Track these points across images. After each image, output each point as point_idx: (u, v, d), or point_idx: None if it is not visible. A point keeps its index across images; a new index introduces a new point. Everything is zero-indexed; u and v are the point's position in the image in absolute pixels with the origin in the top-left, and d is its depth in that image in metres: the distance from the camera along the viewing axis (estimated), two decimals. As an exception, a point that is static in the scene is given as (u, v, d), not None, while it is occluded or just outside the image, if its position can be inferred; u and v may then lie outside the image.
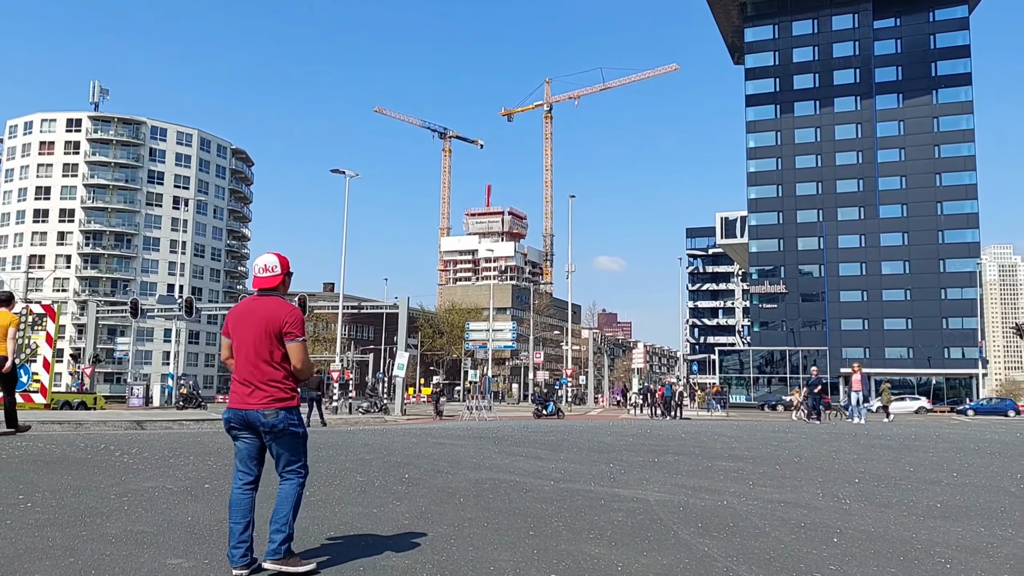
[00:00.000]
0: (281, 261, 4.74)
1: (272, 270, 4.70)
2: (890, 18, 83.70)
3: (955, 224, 79.15)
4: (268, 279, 4.70)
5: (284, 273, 4.73)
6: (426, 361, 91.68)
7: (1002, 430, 22.21)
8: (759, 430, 18.44)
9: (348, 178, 38.45)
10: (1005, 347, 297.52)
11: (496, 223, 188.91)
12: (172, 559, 4.94)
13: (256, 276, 4.76)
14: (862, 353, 79.80)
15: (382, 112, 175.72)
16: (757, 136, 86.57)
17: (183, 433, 14.60)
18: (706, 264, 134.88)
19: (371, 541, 5.57)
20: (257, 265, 4.77)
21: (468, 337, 49.70)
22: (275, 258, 4.73)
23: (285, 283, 4.77)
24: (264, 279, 4.71)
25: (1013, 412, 56.85)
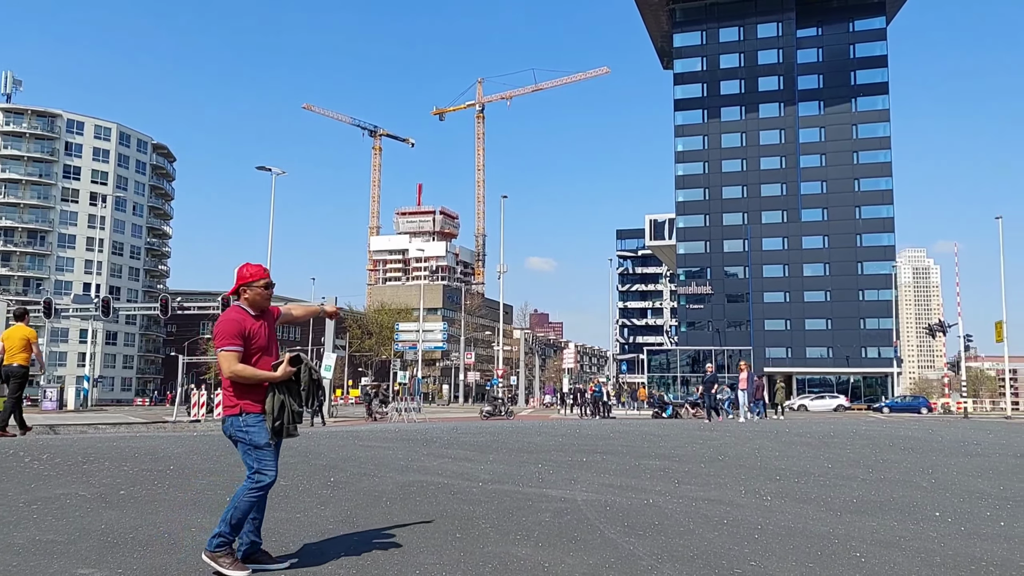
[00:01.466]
0: (239, 273, 4.79)
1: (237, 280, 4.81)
2: (812, 27, 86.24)
3: (872, 228, 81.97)
4: (232, 288, 4.84)
5: (237, 284, 4.78)
6: (354, 362, 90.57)
7: (915, 427, 23.05)
8: (685, 429, 18.74)
9: (274, 175, 37.76)
10: (918, 347, 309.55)
11: (427, 222, 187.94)
12: (83, 569, 4.76)
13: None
14: (784, 353, 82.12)
15: (311, 109, 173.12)
16: (685, 140, 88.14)
17: (99, 437, 14.10)
18: (636, 265, 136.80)
19: (293, 547, 5.45)
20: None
21: (398, 338, 49.23)
22: (237, 271, 4.81)
23: (240, 292, 4.79)
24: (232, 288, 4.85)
25: (925, 409, 59.16)
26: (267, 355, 4.75)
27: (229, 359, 4.56)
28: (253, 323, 4.72)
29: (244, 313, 4.73)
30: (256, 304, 4.79)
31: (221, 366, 4.61)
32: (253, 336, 4.68)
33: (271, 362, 4.73)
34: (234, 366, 4.56)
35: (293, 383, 4.74)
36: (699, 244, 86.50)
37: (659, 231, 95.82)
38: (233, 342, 4.58)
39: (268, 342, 4.79)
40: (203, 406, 30.15)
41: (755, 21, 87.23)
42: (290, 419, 4.69)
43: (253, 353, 4.67)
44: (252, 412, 4.64)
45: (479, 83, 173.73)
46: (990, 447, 14.57)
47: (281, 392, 4.68)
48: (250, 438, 4.64)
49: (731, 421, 25.73)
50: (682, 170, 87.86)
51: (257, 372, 4.62)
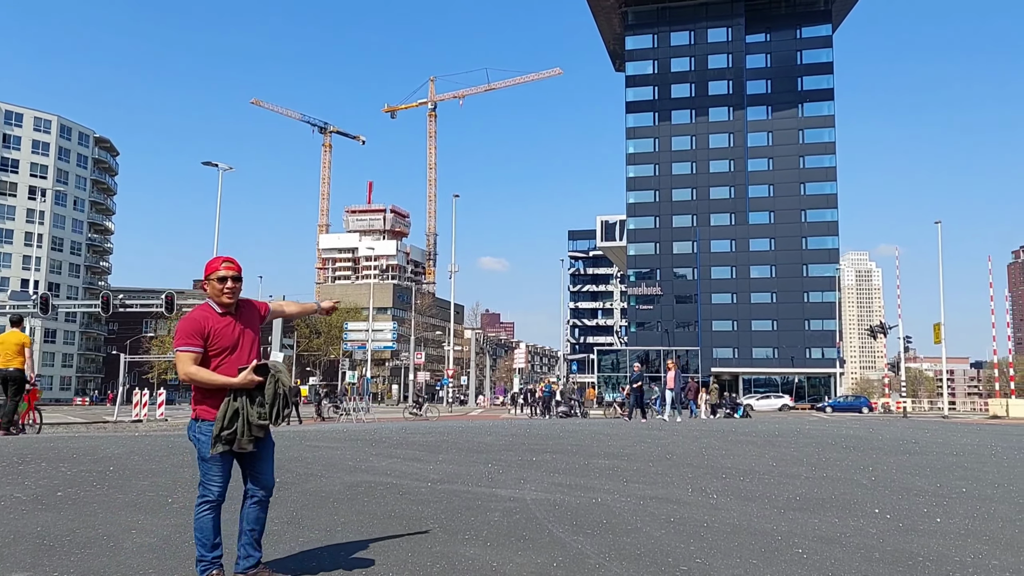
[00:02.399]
0: (206, 265, 4.47)
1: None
2: (761, 33, 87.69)
3: (817, 231, 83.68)
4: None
5: (204, 278, 4.47)
6: (302, 362, 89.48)
7: (856, 425, 23.59)
8: (634, 428, 18.91)
9: (221, 171, 37.07)
10: (860, 348, 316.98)
11: (378, 221, 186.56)
12: (18, 573, 4.63)
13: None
14: (731, 353, 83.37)
15: (259, 104, 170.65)
16: (636, 142, 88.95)
17: (35, 438, 13.70)
18: (587, 266, 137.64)
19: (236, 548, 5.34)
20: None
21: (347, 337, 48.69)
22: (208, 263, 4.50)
23: (206, 289, 4.46)
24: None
25: (866, 408, 60.57)
26: (233, 357, 4.33)
27: (184, 360, 4.23)
28: (217, 321, 4.34)
29: (208, 311, 4.36)
30: (218, 301, 4.40)
31: (177, 367, 4.28)
32: (215, 335, 4.29)
33: (236, 363, 4.33)
34: (188, 367, 4.22)
35: (256, 391, 4.29)
36: (649, 246, 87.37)
37: (610, 232, 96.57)
38: (189, 341, 4.24)
39: (236, 343, 4.36)
40: (145, 406, 29.49)
41: (705, 26, 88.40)
42: (244, 431, 4.22)
43: (216, 354, 4.29)
44: (206, 419, 4.28)
45: (431, 81, 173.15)
46: (927, 445, 14.98)
47: (238, 399, 4.25)
48: (199, 447, 4.31)
49: (656, 420, 25.29)
50: (633, 172, 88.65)
51: (213, 376, 4.23)
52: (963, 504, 8.05)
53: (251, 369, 4.28)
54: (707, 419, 31.36)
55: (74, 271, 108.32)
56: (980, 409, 57.64)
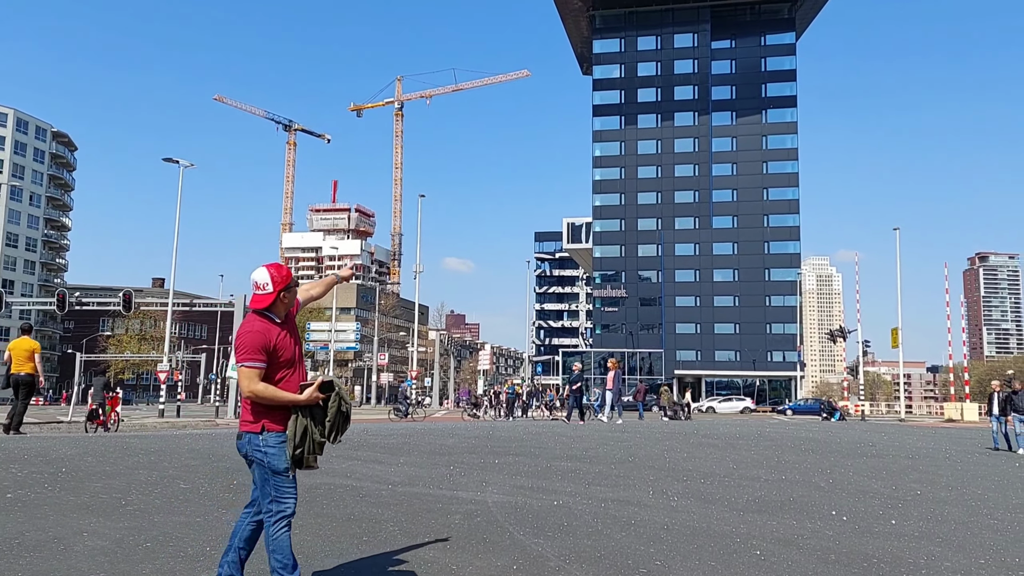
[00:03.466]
0: (273, 276, 4.17)
1: (263, 288, 4.16)
2: (726, 40, 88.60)
3: (779, 236, 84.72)
4: (260, 298, 4.17)
5: (277, 289, 4.16)
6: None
7: (815, 428, 23.93)
8: (597, 430, 18.97)
9: (182, 168, 36.50)
10: (820, 351, 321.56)
11: (342, 220, 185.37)
12: (-41, 579, 4.49)
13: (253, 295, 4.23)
14: (694, 356, 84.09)
15: (222, 101, 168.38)
16: (603, 145, 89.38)
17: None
18: (553, 268, 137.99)
19: (192, 552, 5.26)
20: (252, 282, 4.22)
21: (309, 337, 48.21)
22: (266, 273, 4.18)
23: (283, 300, 4.19)
24: (256, 298, 4.18)
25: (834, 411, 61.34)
26: (292, 370, 4.19)
27: (250, 377, 4.01)
28: (280, 333, 4.15)
29: (269, 323, 4.14)
30: (287, 308, 4.24)
31: (241, 383, 4.07)
32: (280, 349, 4.11)
33: (299, 379, 4.18)
34: (254, 385, 4.02)
35: (318, 410, 4.15)
36: (615, 248, 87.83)
37: (576, 234, 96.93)
38: (256, 356, 4.02)
39: (295, 355, 4.22)
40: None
41: (672, 31, 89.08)
42: (311, 448, 4.09)
43: (279, 368, 4.12)
44: (274, 431, 4.09)
45: (398, 81, 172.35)
46: (884, 448, 15.23)
47: (305, 416, 4.11)
48: (269, 461, 4.08)
49: (595, 422, 24.69)
50: (599, 175, 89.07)
51: (279, 393, 4.06)
52: (918, 507, 8.18)
53: (317, 386, 4.15)
54: (663, 421, 31.58)
55: (29, 268, 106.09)
56: (936, 413, 58.72)
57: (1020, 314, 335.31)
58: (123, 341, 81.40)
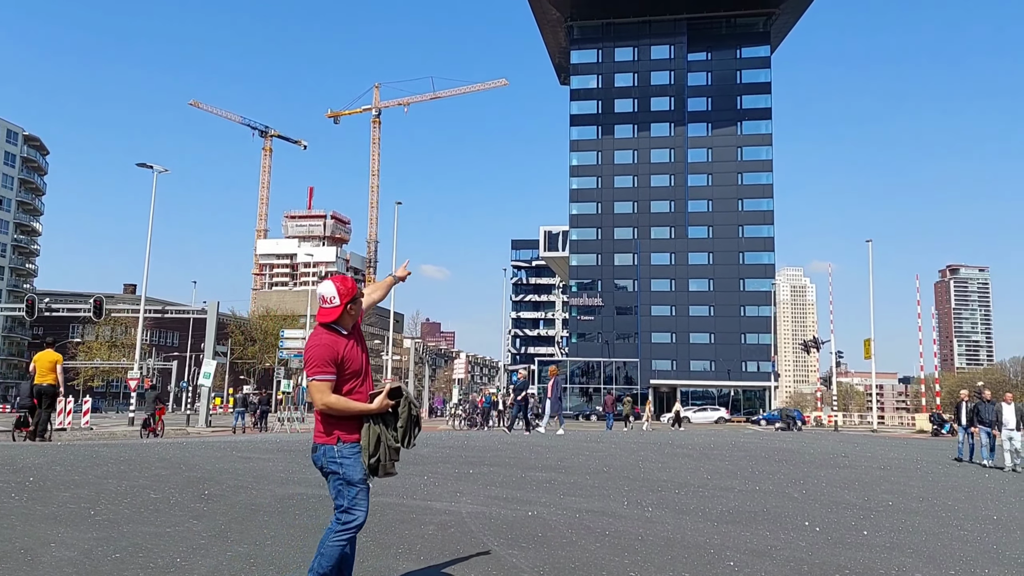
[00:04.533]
0: (340, 289, 4.21)
1: (330, 301, 4.20)
2: (702, 52, 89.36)
3: (754, 247, 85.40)
4: (327, 312, 4.20)
5: (344, 302, 4.20)
6: (236, 370, 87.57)
7: (789, 439, 24.09)
8: (572, 440, 18.96)
9: (156, 173, 36.16)
10: (794, 362, 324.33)
11: (318, 227, 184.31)
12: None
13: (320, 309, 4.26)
14: (670, 365, 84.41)
15: (197, 106, 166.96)
16: (580, 155, 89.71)
17: (-49, 447, 13.11)
18: (529, 276, 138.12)
19: (162, 563, 5.18)
20: (319, 296, 4.26)
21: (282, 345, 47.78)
22: (332, 287, 4.22)
23: (350, 312, 4.24)
24: (323, 312, 4.21)
25: (800, 422, 61.85)
26: (361, 380, 4.23)
27: (322, 390, 4.07)
28: (347, 344, 4.20)
29: (336, 335, 4.20)
30: (353, 320, 4.30)
31: (312, 396, 4.13)
32: (347, 360, 4.16)
33: (368, 388, 4.25)
34: (327, 397, 4.08)
35: (390, 416, 4.23)
36: (591, 256, 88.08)
37: (553, 243, 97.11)
38: (326, 370, 4.08)
39: (363, 365, 4.27)
40: (70, 414, 28.51)
41: (648, 43, 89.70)
42: (387, 455, 4.16)
43: (349, 379, 4.18)
44: (349, 442, 4.14)
45: (376, 88, 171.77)
46: (856, 459, 15.35)
47: (377, 424, 4.18)
48: (344, 471, 4.12)
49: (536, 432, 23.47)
50: (576, 184, 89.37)
51: (351, 404, 4.12)
52: (889, 518, 8.25)
53: (386, 393, 4.22)
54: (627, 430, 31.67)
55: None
56: (908, 424, 59.39)
57: (990, 326, 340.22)
58: (93, 348, 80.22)
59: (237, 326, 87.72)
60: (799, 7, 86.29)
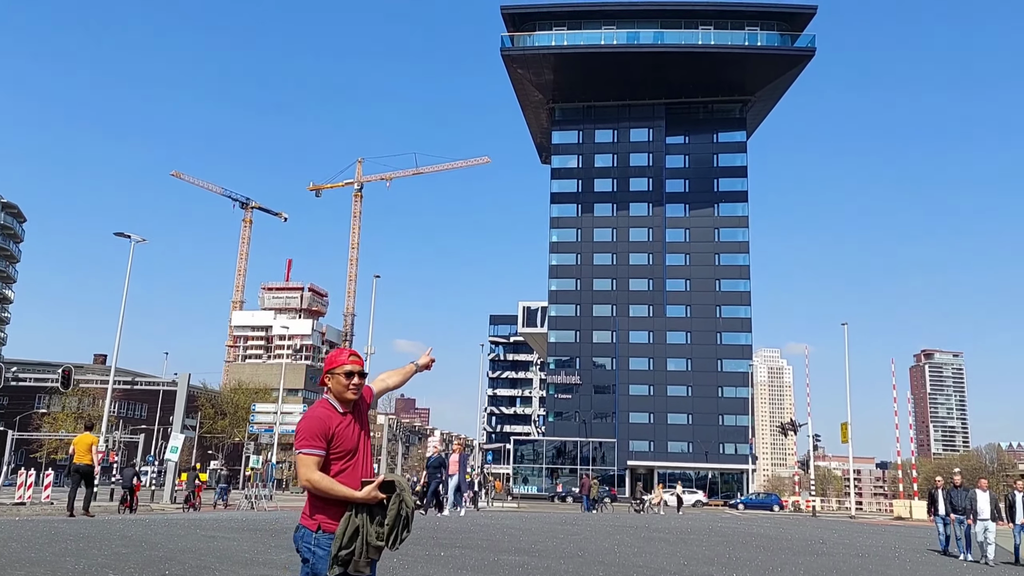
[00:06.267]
0: (328, 358, 4.19)
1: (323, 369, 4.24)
2: (680, 135, 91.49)
3: (731, 327, 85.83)
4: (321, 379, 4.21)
5: (324, 372, 4.17)
6: (204, 444, 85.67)
7: (767, 524, 23.74)
8: (547, 522, 18.55)
9: (133, 243, 35.97)
10: (772, 444, 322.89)
11: (295, 299, 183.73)
12: None
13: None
14: (647, 446, 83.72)
15: (179, 177, 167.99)
16: (560, 232, 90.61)
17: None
18: (507, 352, 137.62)
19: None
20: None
21: (253, 419, 46.94)
22: (329, 355, 4.23)
23: (328, 384, 4.15)
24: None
25: (777, 507, 61.28)
26: (354, 461, 4.04)
27: (307, 464, 3.90)
28: (339, 420, 4.05)
29: (330, 409, 4.07)
30: (341, 397, 4.12)
31: (298, 471, 3.96)
32: (339, 437, 3.99)
33: (360, 469, 4.03)
34: (311, 473, 3.89)
35: (377, 509, 3.96)
36: (570, 333, 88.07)
37: (532, 318, 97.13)
38: (313, 443, 3.92)
39: (357, 445, 4.07)
40: (30, 487, 27.58)
41: (628, 126, 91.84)
42: (362, 551, 3.85)
43: (338, 457, 3.98)
44: (329, 531, 3.91)
45: (359, 162, 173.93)
46: (835, 546, 15.10)
47: (359, 515, 3.91)
48: (315, 562, 3.90)
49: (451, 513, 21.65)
50: (556, 260, 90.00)
51: (335, 486, 3.90)
52: (870, 609, 8.02)
53: (376, 485, 3.95)
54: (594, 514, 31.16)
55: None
56: (885, 510, 58.85)
57: (965, 412, 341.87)
58: (59, 419, 78.36)
59: (207, 399, 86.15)
60: (774, 95, 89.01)
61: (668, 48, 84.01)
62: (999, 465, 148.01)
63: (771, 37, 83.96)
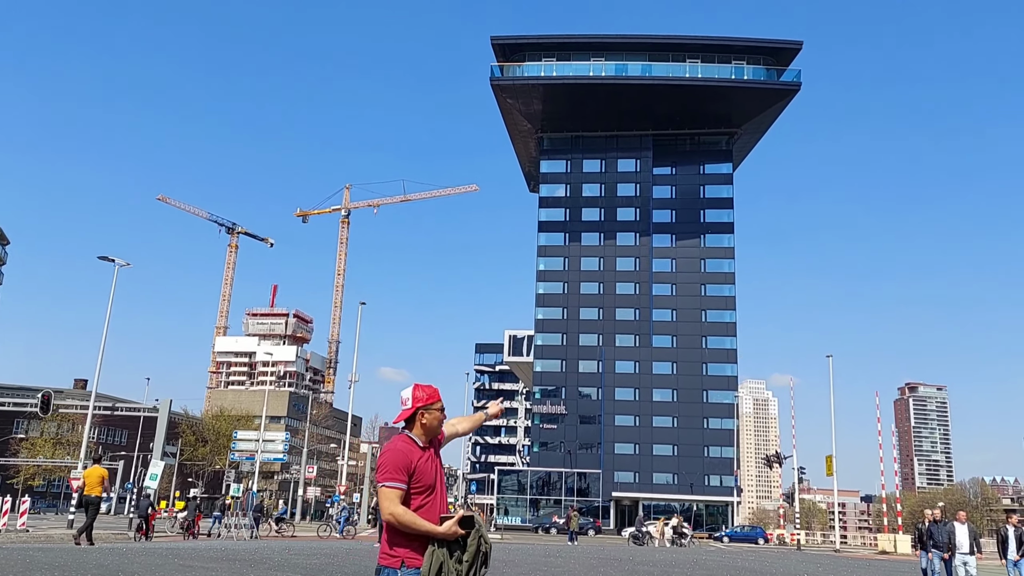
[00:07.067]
0: (415, 393, 4.22)
1: (405, 403, 4.22)
2: (667, 167, 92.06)
3: (717, 358, 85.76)
4: (401, 414, 4.22)
5: (414, 407, 4.18)
6: (185, 472, 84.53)
7: (751, 557, 23.45)
8: (531, 554, 18.21)
9: (117, 267, 35.58)
10: (757, 476, 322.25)
11: (279, 325, 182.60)
12: None
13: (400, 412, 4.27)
14: (632, 477, 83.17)
15: (166, 201, 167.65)
16: (547, 260, 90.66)
17: None
18: (492, 380, 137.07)
19: None
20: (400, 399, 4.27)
21: (235, 447, 46.35)
22: (410, 390, 4.26)
23: (423, 420, 4.18)
24: (399, 414, 4.23)
25: (762, 540, 60.83)
26: (433, 496, 4.07)
27: (391, 498, 3.94)
28: (420, 455, 4.09)
29: (412, 443, 4.12)
30: (430, 431, 4.20)
31: (381, 504, 3.98)
32: (419, 471, 4.03)
33: (438, 504, 4.06)
34: (395, 507, 3.92)
35: (455, 545, 3.98)
36: (556, 363, 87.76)
37: (518, 347, 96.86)
38: (396, 477, 3.96)
39: (435, 480, 4.11)
40: (6, 514, 26.95)
41: (616, 156, 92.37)
42: None
43: (418, 492, 4.02)
44: (413, 567, 3.91)
45: (347, 189, 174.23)
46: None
47: (441, 549, 3.92)
48: None
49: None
50: (543, 288, 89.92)
51: (417, 521, 3.92)
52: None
53: (456, 520, 3.99)
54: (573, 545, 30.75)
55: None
56: (870, 544, 58.55)
57: (949, 446, 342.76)
58: (36, 444, 77.15)
59: (189, 426, 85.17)
60: (761, 128, 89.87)
61: (656, 80, 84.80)
62: (983, 499, 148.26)
63: (757, 71, 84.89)
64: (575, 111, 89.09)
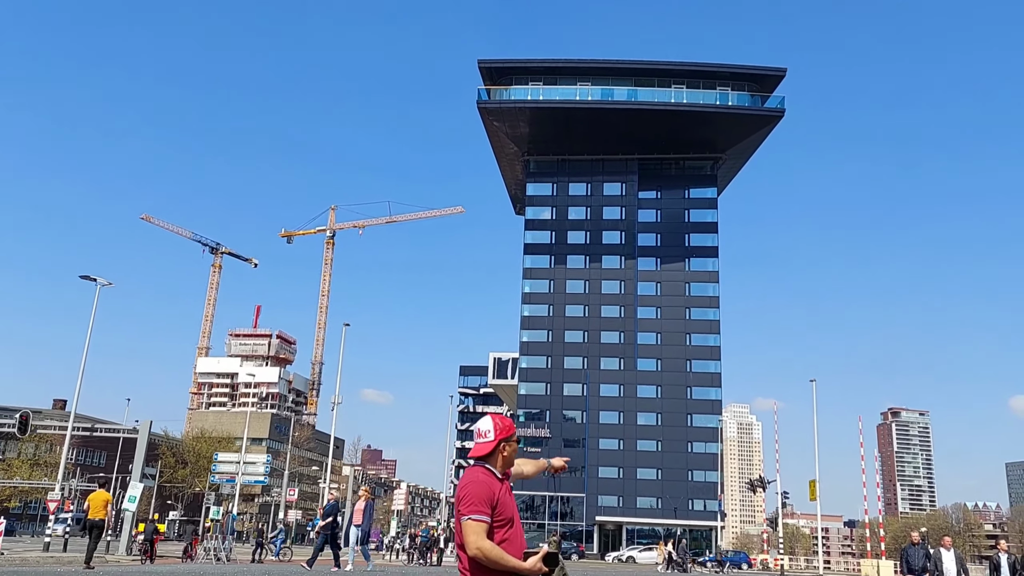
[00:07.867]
0: (496, 424, 4.12)
1: (485, 435, 4.10)
2: (652, 191, 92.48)
3: (701, 382, 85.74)
4: (480, 446, 4.09)
5: (498, 439, 4.08)
6: (164, 494, 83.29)
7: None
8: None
9: (99, 286, 35.13)
10: (741, 501, 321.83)
11: (262, 346, 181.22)
12: None
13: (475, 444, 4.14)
14: (616, 501, 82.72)
15: (149, 220, 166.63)
16: (532, 283, 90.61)
17: None
18: (477, 403, 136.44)
19: None
20: (475, 431, 4.17)
21: (215, 469, 45.66)
22: (489, 421, 4.15)
23: (503, 452, 4.08)
24: (477, 447, 4.10)
25: (746, 565, 60.57)
26: (513, 530, 3.96)
27: (478, 532, 3.80)
28: (500, 487, 3.99)
29: (492, 476, 4.01)
30: (509, 463, 4.14)
31: (466, 539, 3.83)
32: (502, 504, 3.92)
33: (520, 542, 3.95)
34: (482, 541, 3.79)
35: None
36: (540, 386, 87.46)
37: (502, 370, 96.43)
38: (482, 509, 3.83)
39: (514, 514, 4.00)
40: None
41: (601, 180, 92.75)
42: None
43: (500, 525, 3.91)
44: None
45: (332, 210, 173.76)
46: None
47: None
48: None
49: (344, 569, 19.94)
50: (528, 311, 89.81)
51: (506, 557, 3.79)
52: None
53: (543, 556, 3.87)
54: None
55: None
56: (853, 569, 58.45)
57: (932, 471, 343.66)
58: (13, 466, 75.87)
59: (169, 447, 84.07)
60: (745, 153, 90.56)
61: (641, 105, 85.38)
62: (965, 525, 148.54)
63: (742, 97, 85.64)
64: (561, 134, 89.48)
